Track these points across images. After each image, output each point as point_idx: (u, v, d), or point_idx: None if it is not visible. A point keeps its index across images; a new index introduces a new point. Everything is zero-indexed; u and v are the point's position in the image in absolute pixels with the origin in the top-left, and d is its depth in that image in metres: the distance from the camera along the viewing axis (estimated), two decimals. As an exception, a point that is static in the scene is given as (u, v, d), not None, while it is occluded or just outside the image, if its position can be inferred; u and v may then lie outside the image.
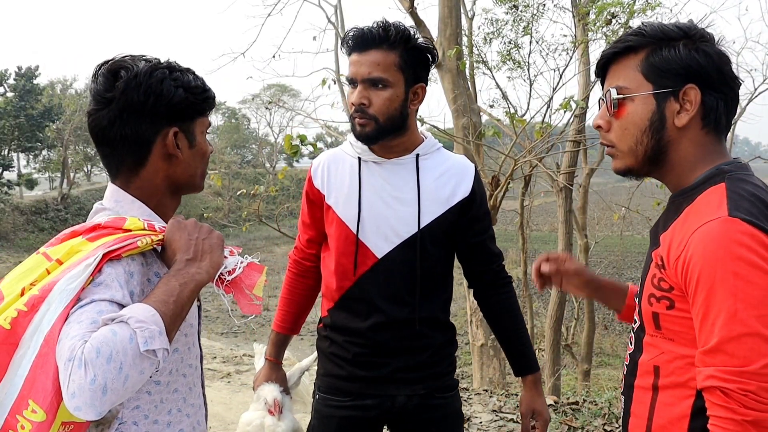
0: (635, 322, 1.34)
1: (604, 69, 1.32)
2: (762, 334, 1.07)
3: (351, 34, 1.75)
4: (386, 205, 1.82)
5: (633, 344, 1.34)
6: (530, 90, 7.52)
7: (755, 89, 7.10)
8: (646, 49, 1.24)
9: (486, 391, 4.93)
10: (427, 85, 1.84)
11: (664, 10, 8.28)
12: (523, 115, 6.70)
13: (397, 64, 1.74)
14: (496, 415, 4.24)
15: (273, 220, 7.77)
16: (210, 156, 1.40)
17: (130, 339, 1.04)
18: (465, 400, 4.58)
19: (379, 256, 1.82)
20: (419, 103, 1.82)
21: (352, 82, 1.77)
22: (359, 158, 1.85)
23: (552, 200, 10.23)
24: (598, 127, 1.32)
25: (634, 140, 1.26)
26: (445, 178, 1.86)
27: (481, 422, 4.15)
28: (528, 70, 8.30)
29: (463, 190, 1.86)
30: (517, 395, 4.70)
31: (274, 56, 8.73)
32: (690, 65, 1.20)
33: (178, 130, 1.29)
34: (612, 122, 1.29)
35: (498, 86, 9.19)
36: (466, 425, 4.11)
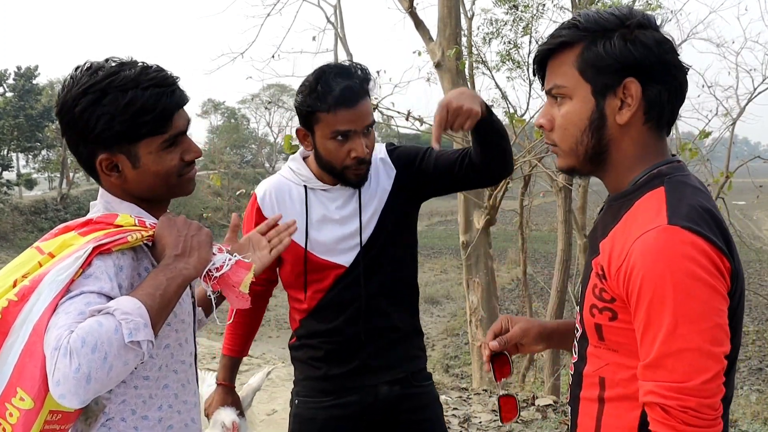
0: (577, 330, 1.29)
1: (541, 66, 1.23)
2: (702, 349, 1.04)
3: (335, 92, 1.71)
4: (337, 223, 1.88)
5: (577, 354, 1.29)
6: (530, 90, 7.49)
7: (755, 89, 7.07)
8: (581, 43, 1.16)
9: (486, 391, 4.93)
10: None
11: (664, 10, 8.26)
12: (523, 115, 6.69)
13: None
14: (496, 415, 4.24)
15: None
16: (175, 170, 1.32)
17: (115, 330, 1.07)
18: (465, 400, 4.58)
19: (347, 265, 1.88)
20: None
21: (345, 134, 1.75)
22: (305, 186, 1.90)
23: (551, 200, 10.23)
24: (540, 126, 1.25)
25: (574, 140, 1.20)
26: (375, 174, 1.91)
27: (480, 422, 4.15)
28: (527, 70, 8.29)
29: (390, 170, 1.93)
30: (517, 395, 4.71)
31: (273, 56, 8.73)
32: (627, 58, 1.13)
33: (106, 157, 1.27)
34: (554, 121, 1.22)
35: (497, 86, 9.19)
36: (465, 425, 4.11)
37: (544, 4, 8.82)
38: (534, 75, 1.28)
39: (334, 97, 1.72)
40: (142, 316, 1.11)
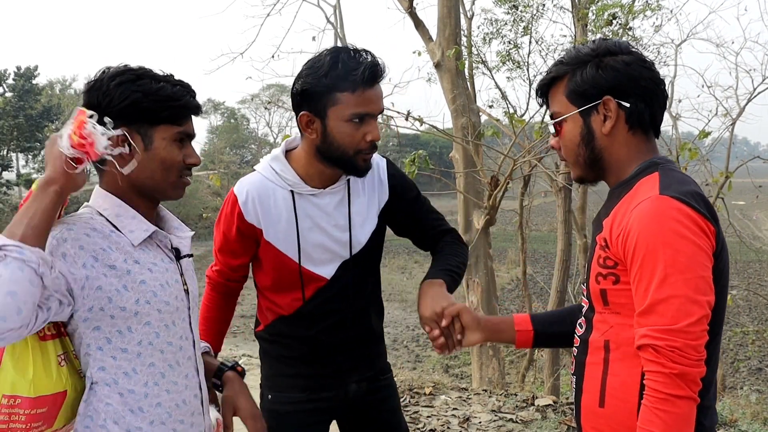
0: (583, 307, 1.48)
1: (545, 97, 1.50)
2: (688, 295, 1.22)
3: (365, 69, 1.66)
4: (324, 232, 1.84)
5: (584, 327, 1.47)
6: (530, 90, 7.51)
7: (754, 89, 7.05)
8: (567, 75, 1.43)
9: (485, 391, 4.93)
10: None
11: (664, 11, 8.26)
12: (523, 115, 6.70)
13: None
14: (496, 415, 4.24)
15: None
16: (179, 165, 1.43)
17: None
18: (464, 400, 4.58)
19: (328, 277, 1.86)
20: None
21: (363, 117, 1.69)
22: (292, 191, 1.81)
23: (551, 200, 10.23)
24: (553, 147, 1.53)
25: (575, 153, 1.45)
26: (371, 188, 1.90)
27: (480, 422, 4.15)
28: (527, 70, 8.31)
29: (383, 193, 1.91)
30: (516, 395, 4.70)
31: (273, 56, 8.73)
32: (599, 82, 1.38)
33: (127, 130, 1.36)
34: (560, 142, 1.48)
35: (497, 86, 9.19)
36: (465, 425, 4.11)
37: (544, 4, 8.83)
38: (540, 106, 1.55)
39: (358, 76, 1.64)
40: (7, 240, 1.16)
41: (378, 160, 1.91)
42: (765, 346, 13.90)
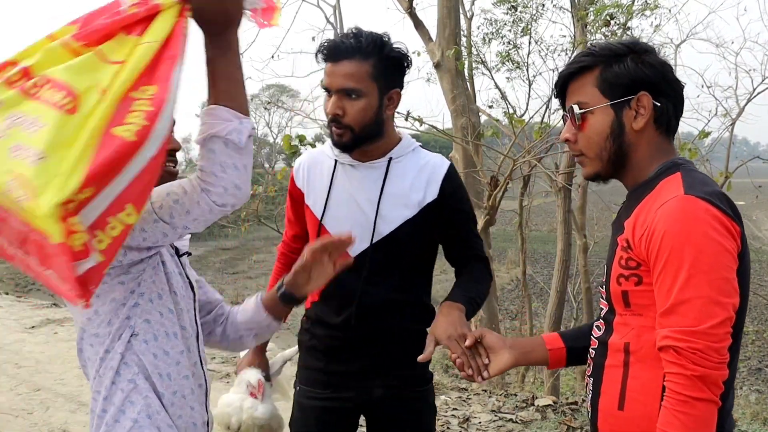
0: (602, 309, 1.46)
1: (563, 88, 1.46)
2: (711, 297, 1.20)
3: (325, 44, 1.80)
4: (358, 206, 1.87)
5: (602, 329, 1.44)
6: (529, 90, 7.52)
7: (754, 89, 7.01)
8: (598, 67, 1.39)
9: (485, 391, 4.93)
10: (402, 89, 1.88)
11: (663, 11, 8.25)
12: (522, 115, 6.70)
13: (371, 73, 1.78)
14: (496, 415, 4.25)
15: (272, 220, 7.77)
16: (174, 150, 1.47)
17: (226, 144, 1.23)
18: (464, 400, 4.58)
19: (353, 255, 1.84)
20: (395, 108, 1.88)
21: (327, 91, 1.82)
22: (335, 160, 1.92)
23: (551, 200, 10.23)
24: (566, 140, 1.46)
25: (599, 147, 1.40)
26: (418, 180, 1.89)
27: (480, 422, 4.15)
28: (527, 70, 8.30)
29: (432, 191, 1.89)
30: (516, 395, 4.70)
31: (273, 56, 8.71)
32: (639, 76, 1.36)
33: None
34: (578, 134, 1.43)
35: (497, 86, 9.15)
36: (465, 425, 4.11)
37: (543, 5, 8.83)
38: (556, 97, 1.50)
39: (322, 50, 1.81)
40: (233, 118, 1.23)
41: (441, 162, 1.93)
42: (765, 346, 13.91)
